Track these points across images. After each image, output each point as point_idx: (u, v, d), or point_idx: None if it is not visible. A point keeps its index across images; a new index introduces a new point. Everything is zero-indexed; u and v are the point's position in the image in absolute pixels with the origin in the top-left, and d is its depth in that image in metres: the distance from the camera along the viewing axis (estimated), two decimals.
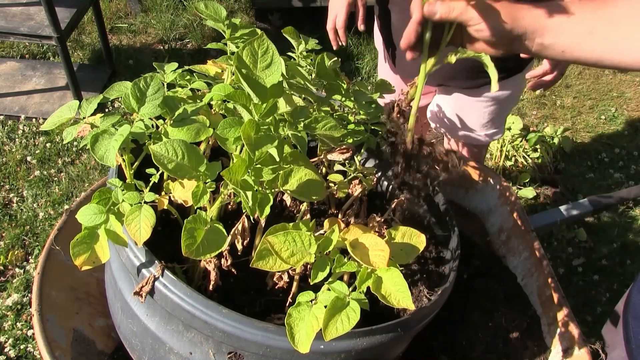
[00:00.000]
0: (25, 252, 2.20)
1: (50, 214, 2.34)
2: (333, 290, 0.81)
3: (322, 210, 1.18)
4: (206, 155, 1.01)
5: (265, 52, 0.83)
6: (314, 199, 0.86)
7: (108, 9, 3.49)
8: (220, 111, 1.00)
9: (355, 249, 0.83)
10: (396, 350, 1.04)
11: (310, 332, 0.77)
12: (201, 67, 1.06)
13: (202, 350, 0.91)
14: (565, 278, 2.29)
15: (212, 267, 0.95)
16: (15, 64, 3.05)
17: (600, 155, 2.89)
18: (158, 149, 0.79)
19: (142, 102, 0.87)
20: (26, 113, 2.77)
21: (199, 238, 0.80)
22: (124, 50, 3.24)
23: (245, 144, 0.77)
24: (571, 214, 2.24)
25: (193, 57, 3.22)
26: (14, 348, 1.88)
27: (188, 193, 0.89)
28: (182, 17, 3.49)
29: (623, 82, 3.35)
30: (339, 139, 0.94)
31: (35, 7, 2.65)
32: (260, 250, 0.79)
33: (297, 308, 0.80)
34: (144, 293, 0.88)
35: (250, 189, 0.80)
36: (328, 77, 1.11)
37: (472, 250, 1.39)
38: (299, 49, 1.11)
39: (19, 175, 2.50)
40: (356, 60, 3.32)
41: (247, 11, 3.62)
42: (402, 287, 0.80)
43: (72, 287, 1.24)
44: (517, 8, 0.80)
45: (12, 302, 2.00)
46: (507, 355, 1.25)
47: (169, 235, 0.99)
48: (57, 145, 2.65)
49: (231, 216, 1.05)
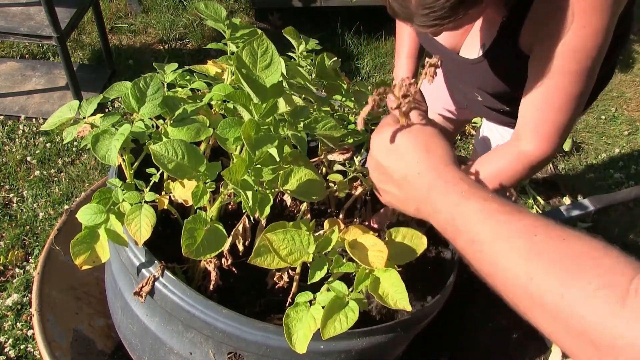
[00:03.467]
0: (25, 252, 2.20)
1: (50, 214, 2.34)
2: (333, 290, 0.81)
3: (322, 210, 1.18)
4: (206, 155, 1.01)
5: (265, 52, 0.83)
6: (314, 199, 0.86)
7: (108, 9, 3.49)
8: (220, 111, 1.00)
9: (354, 249, 0.83)
10: (396, 351, 1.03)
11: (308, 332, 0.77)
12: (201, 67, 1.06)
13: (202, 350, 0.91)
14: None
15: (212, 267, 0.95)
16: (15, 64, 3.05)
17: (600, 155, 2.89)
18: (158, 149, 0.79)
19: (142, 102, 0.87)
20: (26, 113, 2.77)
21: (199, 238, 0.80)
22: (124, 50, 3.24)
23: (246, 144, 0.77)
24: (571, 214, 2.24)
25: (193, 57, 3.22)
26: (14, 348, 1.88)
27: (188, 193, 0.89)
28: (182, 17, 3.49)
29: (623, 82, 3.35)
30: (339, 139, 0.94)
31: (35, 7, 2.65)
32: (258, 247, 0.79)
33: (295, 308, 0.80)
34: (144, 293, 0.88)
35: (251, 189, 0.80)
36: (328, 77, 1.11)
37: None
38: (299, 49, 1.11)
39: (19, 175, 2.50)
40: (356, 60, 3.32)
41: (247, 11, 3.61)
42: (400, 288, 0.80)
43: (72, 287, 1.24)
44: (427, 194, 0.67)
45: (12, 302, 1.99)
46: (507, 355, 1.25)
47: (169, 235, 0.99)
48: (57, 145, 2.65)
49: (231, 216, 1.05)
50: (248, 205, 0.80)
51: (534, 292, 0.53)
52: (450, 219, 0.63)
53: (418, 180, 0.68)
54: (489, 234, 0.59)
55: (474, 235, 0.60)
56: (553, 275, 0.52)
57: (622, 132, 3.05)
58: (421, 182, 0.68)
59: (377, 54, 3.34)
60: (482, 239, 0.59)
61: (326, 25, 3.46)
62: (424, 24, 0.84)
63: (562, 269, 0.52)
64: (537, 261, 0.54)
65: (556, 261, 0.53)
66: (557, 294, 0.51)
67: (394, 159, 0.72)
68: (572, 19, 0.89)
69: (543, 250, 0.54)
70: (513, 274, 0.55)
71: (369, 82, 3.17)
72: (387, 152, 0.73)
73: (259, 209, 0.81)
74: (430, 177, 0.67)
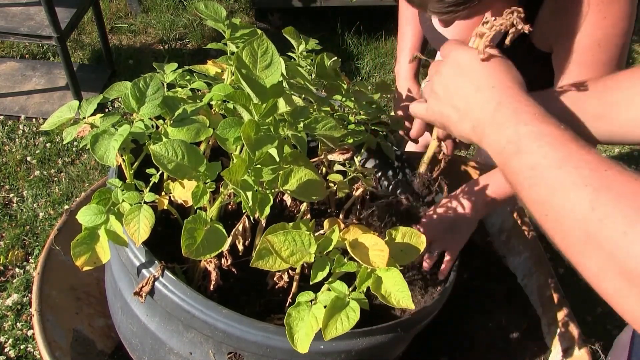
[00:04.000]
0: (25, 252, 2.20)
1: (50, 214, 2.34)
2: (333, 290, 0.81)
3: (322, 210, 1.18)
4: (206, 155, 1.01)
5: (265, 52, 0.83)
6: (314, 199, 0.85)
7: (108, 9, 3.49)
8: (220, 111, 1.00)
9: (355, 248, 0.83)
10: (396, 351, 1.03)
11: (310, 332, 0.77)
12: (201, 67, 1.06)
13: (202, 350, 0.91)
14: (565, 278, 2.29)
15: (213, 267, 0.95)
16: (15, 64, 3.05)
17: None
18: (158, 149, 0.79)
19: (142, 102, 0.87)
20: (26, 113, 2.77)
21: (199, 238, 0.79)
22: (124, 50, 3.24)
23: (246, 144, 0.77)
24: None
25: (193, 57, 3.22)
26: (14, 348, 1.88)
27: (188, 193, 0.89)
28: (182, 17, 3.49)
29: None
30: (339, 139, 0.94)
31: (35, 7, 2.65)
32: (260, 250, 0.79)
33: (297, 308, 0.80)
34: (144, 293, 0.88)
35: (250, 189, 0.80)
36: (328, 77, 1.11)
37: (472, 251, 1.39)
38: (299, 49, 1.11)
39: (19, 175, 2.50)
40: (356, 60, 3.32)
41: (247, 11, 3.62)
42: (402, 287, 0.80)
43: (72, 287, 1.24)
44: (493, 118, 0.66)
45: (12, 302, 2.00)
46: (507, 355, 1.25)
47: (169, 235, 0.99)
48: (57, 145, 2.65)
49: (231, 216, 1.05)
50: (248, 205, 0.80)
51: (593, 225, 0.50)
52: (514, 136, 0.61)
53: (488, 94, 0.67)
54: (556, 160, 0.56)
55: (539, 158, 0.58)
56: (619, 210, 0.49)
57: None
58: (491, 95, 0.67)
59: (377, 54, 3.34)
60: (547, 164, 0.57)
61: (326, 25, 3.46)
62: (438, 10, 0.84)
63: (631, 206, 0.49)
64: (606, 193, 0.51)
65: (626, 196, 0.50)
66: (620, 231, 0.48)
67: (466, 77, 0.71)
68: (589, 10, 0.88)
69: (613, 185, 0.52)
70: (573, 203, 0.53)
71: (369, 82, 3.17)
72: (460, 70, 0.71)
73: (259, 209, 0.81)
74: (502, 93, 0.66)
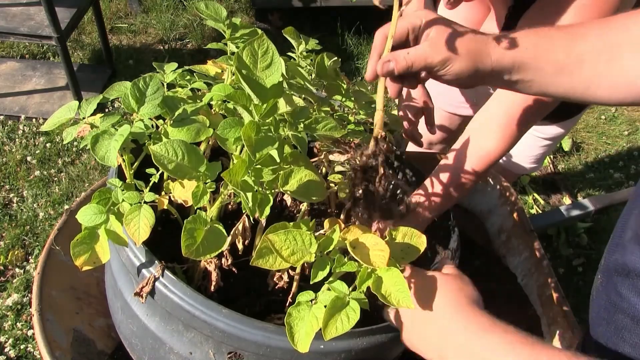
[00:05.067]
0: (25, 252, 2.20)
1: (50, 214, 2.34)
2: (333, 290, 0.81)
3: (322, 210, 1.18)
4: (206, 156, 1.01)
5: (265, 52, 0.83)
6: (314, 199, 0.86)
7: (108, 9, 3.49)
8: (220, 111, 1.00)
9: (355, 248, 0.83)
10: (396, 350, 1.03)
11: (310, 331, 0.77)
12: (201, 67, 1.06)
13: (202, 350, 0.91)
14: (565, 278, 2.29)
15: (213, 267, 0.95)
16: (15, 64, 3.05)
17: (600, 155, 2.89)
18: (158, 149, 0.79)
19: (142, 102, 0.87)
20: (26, 113, 2.77)
21: (199, 238, 0.80)
22: (124, 50, 3.24)
23: (246, 145, 0.77)
24: (571, 214, 2.24)
25: (193, 57, 3.23)
26: (14, 348, 1.88)
27: (188, 193, 0.89)
28: (182, 17, 3.49)
29: None
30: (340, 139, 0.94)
31: (35, 7, 2.65)
32: (260, 249, 0.79)
33: (297, 307, 0.80)
34: (144, 293, 0.88)
35: (251, 190, 0.80)
36: (328, 77, 1.11)
37: (472, 250, 1.39)
38: (299, 49, 1.11)
39: (19, 175, 2.50)
40: (356, 60, 3.32)
41: (247, 11, 3.62)
42: (402, 287, 0.80)
43: (72, 287, 1.24)
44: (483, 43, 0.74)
45: (12, 302, 2.00)
46: None
47: (169, 236, 0.99)
48: (57, 145, 2.65)
49: (231, 216, 1.05)
50: (248, 205, 0.80)
51: None
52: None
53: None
54: None
55: None
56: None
57: (622, 132, 3.05)
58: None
59: None
60: None
61: (326, 25, 3.46)
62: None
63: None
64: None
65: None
66: None
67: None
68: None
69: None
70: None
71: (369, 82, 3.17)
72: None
73: (259, 210, 0.81)
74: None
